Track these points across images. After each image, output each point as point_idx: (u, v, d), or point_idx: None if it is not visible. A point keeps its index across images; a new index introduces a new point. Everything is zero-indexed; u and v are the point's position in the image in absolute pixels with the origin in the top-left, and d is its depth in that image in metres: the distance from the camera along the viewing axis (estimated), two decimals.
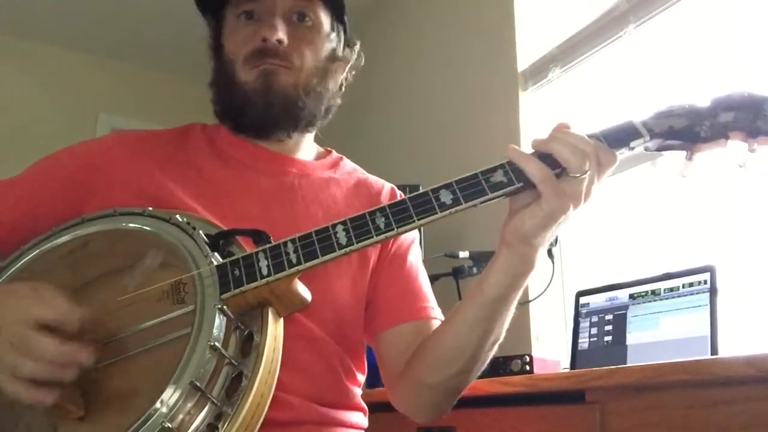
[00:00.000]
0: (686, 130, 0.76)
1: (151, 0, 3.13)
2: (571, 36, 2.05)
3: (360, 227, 0.75)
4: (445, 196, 0.74)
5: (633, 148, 0.76)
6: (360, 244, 0.74)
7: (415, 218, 0.74)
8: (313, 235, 0.75)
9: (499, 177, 0.74)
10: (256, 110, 0.96)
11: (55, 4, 3.16)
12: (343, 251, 0.74)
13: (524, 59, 2.19)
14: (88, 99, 3.48)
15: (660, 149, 0.78)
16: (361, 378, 1.00)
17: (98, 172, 0.93)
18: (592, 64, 2.02)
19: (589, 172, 0.73)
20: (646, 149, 0.78)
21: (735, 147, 0.75)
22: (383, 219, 0.75)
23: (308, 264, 0.74)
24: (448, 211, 0.74)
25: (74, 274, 0.82)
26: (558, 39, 2.10)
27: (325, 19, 1.02)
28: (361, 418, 0.98)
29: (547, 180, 0.72)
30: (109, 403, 0.71)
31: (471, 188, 0.74)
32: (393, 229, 0.74)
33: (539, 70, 2.14)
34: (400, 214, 0.75)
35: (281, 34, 0.96)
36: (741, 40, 1.60)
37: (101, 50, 3.49)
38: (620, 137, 0.76)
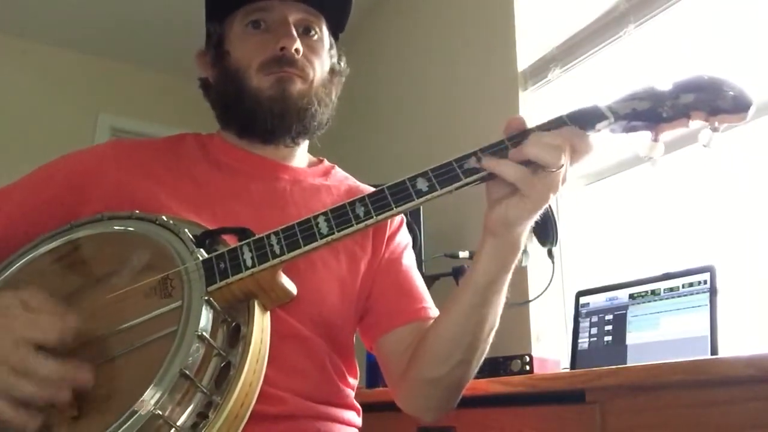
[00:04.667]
0: (649, 112, 0.78)
1: (151, 0, 3.13)
2: (571, 36, 2.05)
3: (340, 216, 0.77)
4: (422, 184, 0.77)
5: (599, 130, 0.79)
6: (341, 233, 0.76)
7: (393, 206, 0.76)
8: (296, 226, 0.77)
9: (472, 163, 0.77)
10: (270, 116, 0.98)
11: (55, 4, 3.16)
12: (324, 240, 0.76)
13: (524, 59, 2.19)
14: (88, 99, 3.48)
15: (625, 131, 0.81)
16: (353, 381, 1.01)
17: (91, 180, 0.94)
18: (592, 64, 2.02)
19: (564, 164, 0.75)
20: (612, 131, 0.81)
21: (697, 126, 0.78)
22: (363, 208, 0.77)
23: (291, 254, 0.75)
24: (424, 198, 0.76)
25: (64, 280, 0.82)
26: (558, 39, 2.10)
27: (326, 35, 1.07)
28: (354, 417, 0.99)
29: (525, 178, 0.74)
30: (103, 402, 0.71)
31: (446, 175, 0.77)
32: (372, 217, 0.76)
33: (539, 70, 2.14)
34: (378, 202, 0.77)
35: (299, 44, 0.99)
36: (741, 40, 1.60)
37: (101, 50, 3.50)
38: (586, 119, 0.79)
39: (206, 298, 0.73)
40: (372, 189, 1.09)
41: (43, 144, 0.93)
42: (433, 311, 1.00)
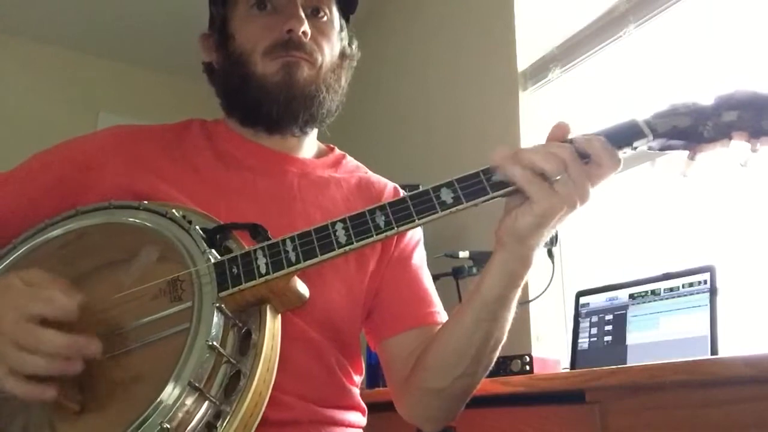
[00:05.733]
0: (690, 130, 0.74)
1: (151, 0, 3.13)
2: (571, 36, 2.05)
3: (360, 226, 0.74)
4: (446, 195, 0.73)
5: (636, 148, 0.74)
6: (360, 243, 0.73)
7: (415, 217, 0.73)
8: (313, 233, 0.74)
9: (500, 176, 0.73)
10: (276, 104, 0.95)
11: (55, 4, 3.15)
12: (342, 250, 0.73)
13: (524, 59, 2.19)
14: (89, 98, 3.48)
15: (663, 149, 0.76)
16: (358, 378, 0.99)
17: (91, 168, 0.92)
18: (592, 64, 2.02)
19: (574, 173, 0.71)
20: (650, 149, 0.76)
21: (737, 146, 0.74)
22: (383, 218, 0.74)
23: (307, 263, 0.73)
24: (448, 210, 0.73)
25: (68, 267, 0.81)
26: (558, 39, 2.10)
27: (336, 16, 1.02)
28: (359, 417, 0.97)
29: (532, 181, 0.71)
30: (107, 399, 0.70)
31: (472, 187, 0.73)
32: (393, 228, 0.73)
33: (539, 70, 2.14)
34: (400, 213, 0.73)
35: (307, 26, 0.95)
36: (741, 40, 1.60)
37: (101, 50, 3.49)
38: (623, 137, 0.74)
39: (218, 304, 0.71)
40: (385, 181, 1.07)
41: (43, 144, 0.93)
42: (441, 316, 0.97)
